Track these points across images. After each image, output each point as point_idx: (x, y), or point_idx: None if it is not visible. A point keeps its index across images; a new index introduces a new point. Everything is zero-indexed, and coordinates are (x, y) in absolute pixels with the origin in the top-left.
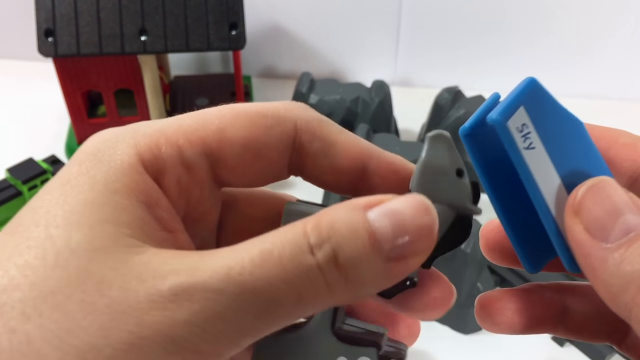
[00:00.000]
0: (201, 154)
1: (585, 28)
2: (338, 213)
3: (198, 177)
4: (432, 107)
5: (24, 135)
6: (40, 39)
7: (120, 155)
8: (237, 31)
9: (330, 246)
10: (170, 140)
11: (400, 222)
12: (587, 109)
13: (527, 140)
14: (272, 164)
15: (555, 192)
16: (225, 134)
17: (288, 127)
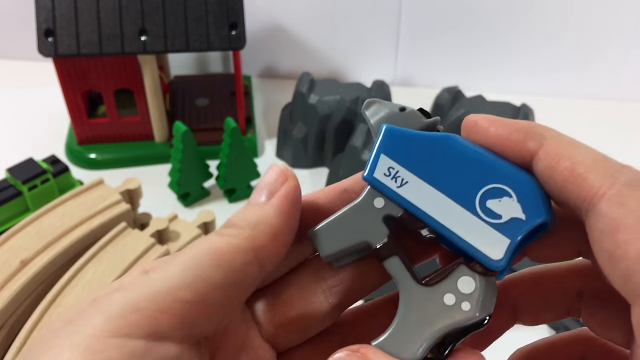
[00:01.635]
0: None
1: (585, 28)
2: None
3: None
4: (432, 107)
5: (24, 135)
6: (40, 39)
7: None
8: (237, 31)
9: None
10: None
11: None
12: (587, 109)
13: (398, 179)
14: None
15: (447, 208)
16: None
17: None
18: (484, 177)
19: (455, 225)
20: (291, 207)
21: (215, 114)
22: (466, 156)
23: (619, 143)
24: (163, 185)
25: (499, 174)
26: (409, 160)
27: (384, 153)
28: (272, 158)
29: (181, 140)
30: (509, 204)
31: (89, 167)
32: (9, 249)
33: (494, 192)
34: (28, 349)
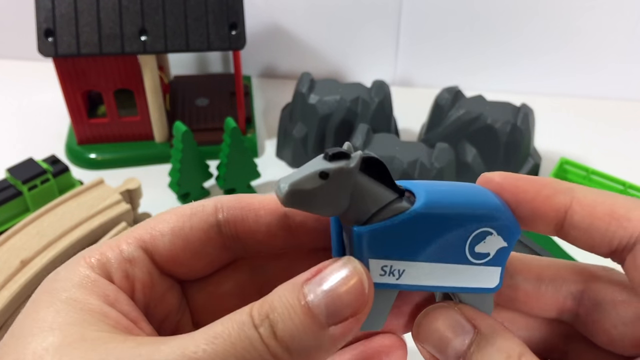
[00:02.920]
0: (137, 248)
1: (586, 28)
2: (280, 292)
3: (142, 267)
4: (432, 107)
5: (24, 135)
6: (40, 39)
7: (74, 271)
8: (237, 31)
9: (269, 322)
10: (112, 245)
11: (333, 292)
12: (587, 109)
13: (395, 272)
14: (203, 245)
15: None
16: (155, 227)
17: (208, 209)
18: (465, 231)
19: (455, 280)
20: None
21: (215, 114)
22: (440, 222)
23: (619, 143)
24: (163, 185)
25: (475, 221)
26: (396, 251)
27: (370, 257)
28: (272, 158)
29: (181, 140)
30: (493, 240)
31: (89, 167)
32: (9, 249)
33: (478, 237)
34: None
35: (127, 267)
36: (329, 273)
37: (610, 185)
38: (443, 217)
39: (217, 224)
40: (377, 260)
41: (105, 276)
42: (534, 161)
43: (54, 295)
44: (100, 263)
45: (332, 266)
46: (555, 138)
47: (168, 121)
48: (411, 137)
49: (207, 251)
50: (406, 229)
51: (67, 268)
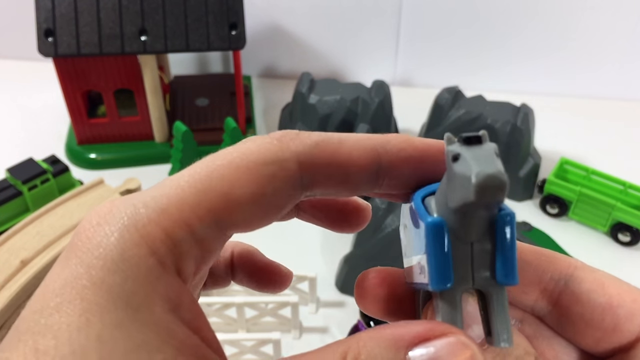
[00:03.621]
0: (211, 225)
1: (585, 28)
2: (379, 346)
3: (213, 248)
4: (432, 107)
5: (24, 135)
6: (40, 39)
7: (134, 257)
8: (237, 31)
9: None
10: (179, 221)
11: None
12: (587, 109)
13: None
14: (283, 211)
15: None
16: (231, 197)
17: (291, 167)
18: None
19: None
20: None
21: (215, 114)
22: None
23: (619, 143)
24: None
25: None
26: None
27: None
28: None
29: (181, 140)
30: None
31: (89, 167)
32: (9, 249)
33: None
34: None
35: (197, 253)
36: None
37: (610, 185)
38: None
39: (301, 185)
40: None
41: (172, 265)
42: (534, 161)
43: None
44: (167, 248)
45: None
46: (555, 138)
47: (168, 121)
48: None
49: (283, 213)
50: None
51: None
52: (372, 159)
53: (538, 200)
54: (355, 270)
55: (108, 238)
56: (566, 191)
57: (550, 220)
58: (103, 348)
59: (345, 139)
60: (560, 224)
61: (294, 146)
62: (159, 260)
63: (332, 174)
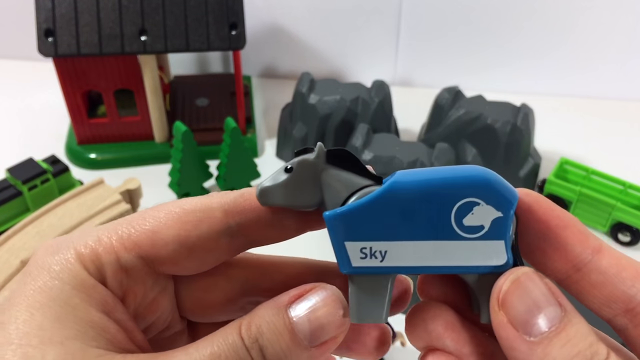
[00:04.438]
0: (136, 257)
1: (586, 28)
2: (266, 315)
3: (137, 277)
4: (432, 107)
5: (24, 135)
6: (40, 39)
7: (70, 270)
8: (237, 31)
9: (259, 346)
10: (108, 248)
11: (317, 319)
12: (587, 109)
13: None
14: (210, 251)
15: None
16: (158, 235)
17: (216, 215)
18: (444, 203)
19: (450, 259)
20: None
21: (215, 114)
22: (418, 195)
23: (619, 143)
24: (163, 185)
25: (456, 191)
26: (372, 231)
27: (345, 240)
28: (272, 158)
29: (181, 140)
30: (483, 210)
31: (89, 167)
32: (9, 249)
33: (463, 209)
34: None
35: (122, 277)
36: (311, 298)
37: (610, 185)
38: (415, 190)
39: (228, 231)
40: (354, 242)
41: (101, 281)
42: (534, 161)
43: (50, 292)
44: (95, 267)
45: (314, 290)
46: (555, 138)
47: (168, 121)
48: (411, 137)
49: (213, 257)
50: (377, 207)
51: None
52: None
53: None
54: None
55: (52, 258)
56: (566, 191)
57: None
58: (44, 334)
59: None
60: None
61: (220, 197)
62: (91, 274)
63: (259, 217)
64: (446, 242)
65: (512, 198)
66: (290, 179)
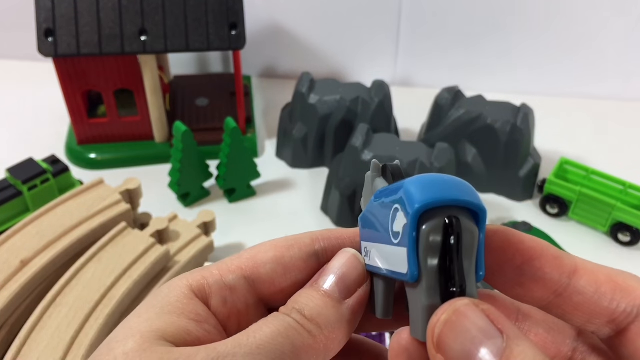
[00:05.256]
0: (240, 277)
1: (586, 28)
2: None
3: (241, 295)
4: (432, 107)
5: (24, 135)
6: (40, 39)
7: (175, 288)
8: (237, 31)
9: (297, 309)
10: (213, 272)
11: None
12: (587, 109)
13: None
14: (301, 271)
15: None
16: (256, 257)
17: (305, 241)
18: (385, 210)
19: (388, 262)
20: (362, 311)
21: (215, 114)
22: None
23: (619, 143)
24: (163, 185)
25: (389, 199)
26: (367, 233)
27: (361, 240)
28: (272, 158)
29: (181, 140)
30: (399, 216)
31: (89, 167)
32: (9, 249)
33: (394, 214)
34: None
35: (227, 295)
36: (333, 263)
37: (610, 185)
38: (385, 193)
39: (315, 253)
40: (363, 242)
41: (202, 299)
42: (534, 161)
43: (149, 308)
44: (200, 285)
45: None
46: (555, 138)
47: (168, 121)
48: (411, 137)
49: (304, 277)
50: (372, 210)
51: (170, 286)
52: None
53: (538, 200)
54: None
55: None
56: (566, 191)
57: (550, 220)
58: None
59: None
60: (560, 224)
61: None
62: (192, 290)
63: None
64: (387, 247)
65: (411, 207)
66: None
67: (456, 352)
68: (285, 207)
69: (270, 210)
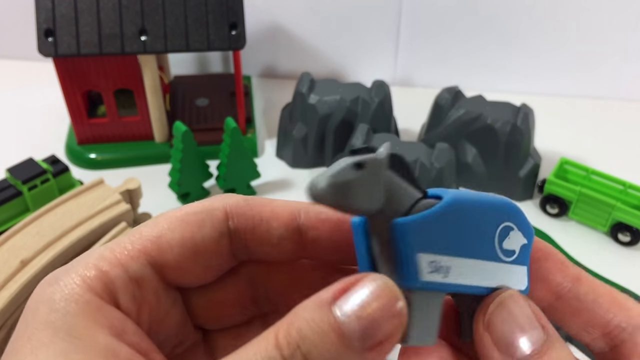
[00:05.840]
0: (145, 265)
1: (586, 28)
2: (307, 315)
3: (150, 287)
4: (432, 107)
5: (24, 135)
6: (40, 39)
7: (72, 295)
8: (237, 31)
9: (301, 354)
10: (113, 261)
11: (369, 315)
12: (587, 109)
13: (442, 269)
14: (213, 254)
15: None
16: (162, 239)
17: (217, 215)
18: (492, 224)
19: (492, 279)
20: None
21: (215, 114)
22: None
23: (619, 143)
24: (163, 185)
25: (499, 212)
26: (440, 244)
27: (420, 251)
28: (272, 158)
29: (181, 140)
30: (515, 236)
31: (89, 167)
32: (9, 249)
33: (504, 232)
34: None
35: (134, 289)
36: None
37: (610, 185)
38: (473, 206)
39: (228, 232)
40: (426, 254)
41: (110, 300)
42: (534, 161)
43: (51, 326)
44: (103, 284)
45: (361, 283)
46: (555, 138)
47: (168, 121)
48: (411, 137)
49: (216, 261)
50: (445, 220)
51: (62, 287)
52: (292, 216)
53: (538, 200)
54: None
55: (52, 288)
56: (566, 191)
57: (550, 220)
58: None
59: (273, 200)
60: (560, 224)
61: (224, 198)
62: (96, 294)
63: (255, 226)
64: (491, 263)
65: (532, 230)
66: (359, 177)
67: (501, 332)
68: None
69: None
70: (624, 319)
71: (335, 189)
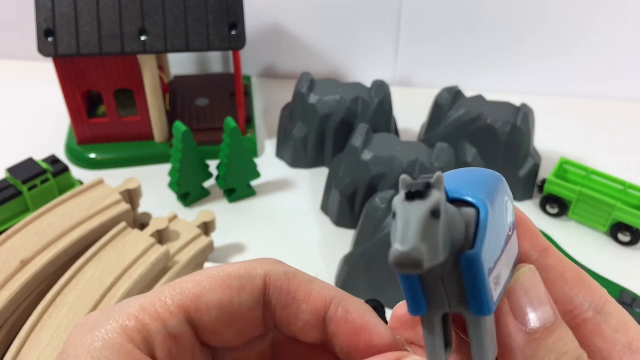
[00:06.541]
0: (183, 322)
1: (586, 28)
2: None
3: (187, 344)
4: (432, 107)
5: (24, 135)
6: (40, 39)
7: (114, 345)
8: (237, 31)
9: None
10: (153, 315)
11: None
12: (587, 109)
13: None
14: (247, 322)
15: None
16: (202, 298)
17: (258, 284)
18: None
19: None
20: None
21: (215, 114)
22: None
23: (619, 143)
24: (163, 185)
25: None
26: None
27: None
28: (272, 158)
29: (181, 140)
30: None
31: (89, 167)
32: (9, 249)
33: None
34: None
35: (172, 345)
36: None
37: (610, 185)
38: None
39: (264, 302)
40: (490, 275)
41: (148, 353)
42: (534, 161)
43: None
44: (142, 337)
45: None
46: (555, 138)
47: (168, 121)
48: (411, 137)
49: (249, 329)
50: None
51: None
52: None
53: (538, 200)
54: (356, 270)
55: (93, 335)
56: (566, 191)
57: (550, 220)
58: None
59: (313, 280)
60: (560, 224)
61: (267, 265)
62: (137, 346)
63: (287, 305)
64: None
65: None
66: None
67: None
68: (285, 207)
69: (270, 211)
70: (586, 298)
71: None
